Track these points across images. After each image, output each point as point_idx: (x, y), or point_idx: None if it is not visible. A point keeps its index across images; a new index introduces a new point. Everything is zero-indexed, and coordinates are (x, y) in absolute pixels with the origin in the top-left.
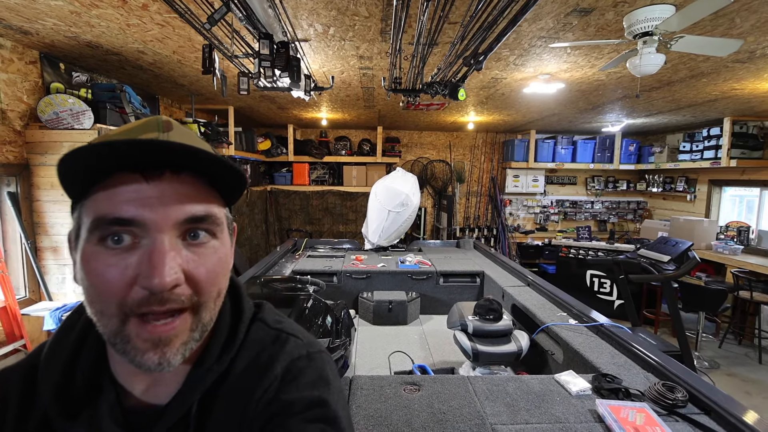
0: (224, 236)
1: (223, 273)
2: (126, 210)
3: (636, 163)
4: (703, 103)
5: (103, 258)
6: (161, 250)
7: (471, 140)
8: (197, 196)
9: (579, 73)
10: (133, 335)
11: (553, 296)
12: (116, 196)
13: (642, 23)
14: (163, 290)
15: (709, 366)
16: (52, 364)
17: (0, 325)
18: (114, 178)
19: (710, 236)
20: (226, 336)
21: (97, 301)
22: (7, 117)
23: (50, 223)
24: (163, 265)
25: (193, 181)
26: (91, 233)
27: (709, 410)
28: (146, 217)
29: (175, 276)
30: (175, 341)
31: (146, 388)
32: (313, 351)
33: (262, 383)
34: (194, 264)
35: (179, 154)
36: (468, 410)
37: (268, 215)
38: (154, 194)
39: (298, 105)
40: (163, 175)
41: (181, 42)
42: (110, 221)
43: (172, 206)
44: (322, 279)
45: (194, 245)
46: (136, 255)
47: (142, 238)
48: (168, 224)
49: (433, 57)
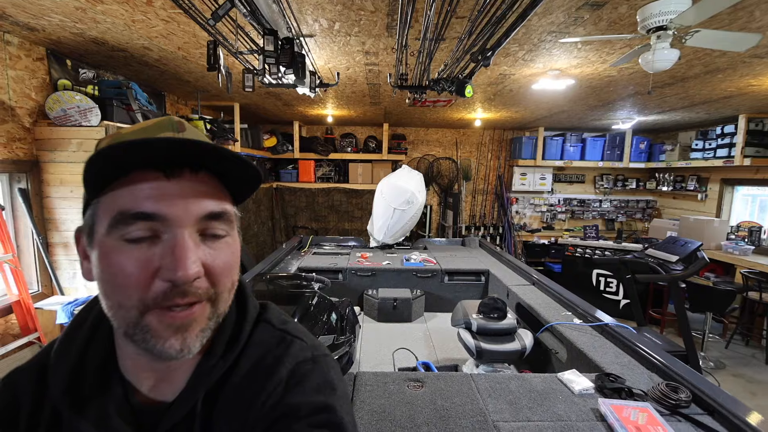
0: (235, 232)
1: (236, 267)
2: (149, 205)
3: (646, 161)
4: (717, 99)
5: (126, 252)
6: (184, 244)
7: (478, 137)
8: (214, 193)
9: (589, 68)
10: (154, 324)
11: (558, 295)
12: (138, 192)
13: (656, 17)
14: (186, 282)
15: (715, 366)
16: (62, 360)
17: (15, 318)
18: (134, 175)
19: (720, 236)
20: (231, 333)
21: (116, 294)
22: (16, 114)
23: (61, 219)
24: (187, 258)
25: (209, 180)
26: (112, 228)
27: (712, 411)
28: (168, 212)
29: (197, 269)
30: (194, 326)
31: (154, 385)
32: (318, 354)
33: (267, 386)
34: (211, 258)
35: (208, 153)
36: (471, 407)
37: (274, 212)
38: (176, 191)
39: (303, 102)
40: (183, 174)
41: (186, 38)
42: (133, 216)
43: (192, 203)
44: (328, 276)
45: (211, 240)
46: (159, 249)
47: (163, 233)
48: (189, 220)
49: (440, 53)
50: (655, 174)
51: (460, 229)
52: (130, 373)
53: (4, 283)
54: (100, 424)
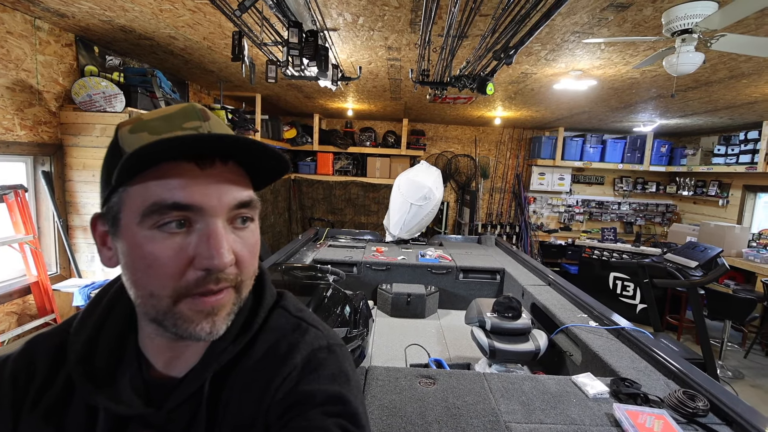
0: (257, 220)
1: (257, 254)
2: (183, 195)
3: (667, 165)
4: (741, 105)
5: (160, 241)
6: (218, 233)
7: (497, 136)
8: (241, 182)
9: (612, 70)
10: (185, 311)
11: (573, 297)
12: (171, 183)
13: (682, 20)
14: (222, 269)
15: (733, 376)
16: (80, 334)
17: (33, 299)
18: (165, 165)
19: (741, 243)
20: (246, 318)
21: (150, 284)
22: (43, 98)
23: (81, 202)
24: (221, 247)
25: (237, 169)
26: (145, 217)
27: (730, 421)
28: (202, 202)
29: (231, 257)
30: (222, 311)
31: (168, 361)
32: (334, 344)
33: (282, 371)
34: (240, 246)
35: (241, 147)
36: (482, 407)
37: (291, 203)
38: (208, 182)
39: (324, 94)
40: (215, 164)
41: (212, 28)
42: (168, 206)
43: (224, 192)
44: (342, 269)
45: (238, 228)
46: (193, 238)
47: (195, 223)
48: (222, 209)
49: (462, 50)
50: (675, 178)
51: (476, 227)
52: (149, 351)
53: (24, 263)
54: (112, 394)
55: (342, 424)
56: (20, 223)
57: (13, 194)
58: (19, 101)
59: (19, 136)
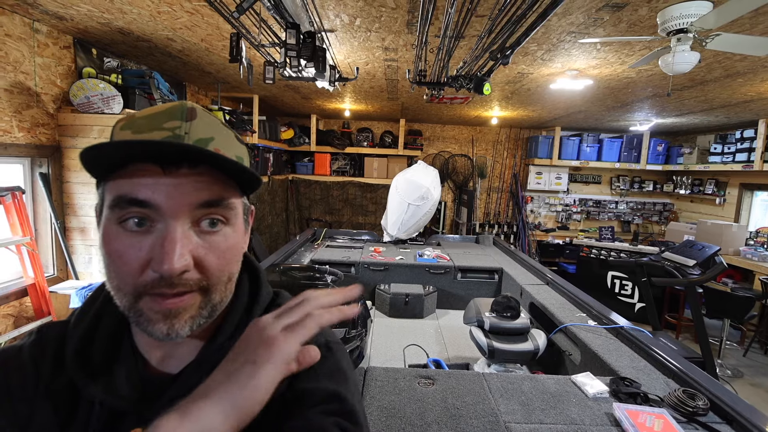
0: (238, 223)
1: (234, 259)
2: (143, 193)
3: (664, 163)
4: (737, 103)
5: (122, 239)
6: (172, 237)
7: (494, 135)
8: (214, 184)
9: (608, 69)
10: (146, 309)
11: (572, 296)
12: (135, 181)
13: (677, 20)
14: (171, 276)
15: (732, 374)
16: (78, 327)
17: (29, 301)
18: (135, 166)
19: (739, 241)
20: (241, 316)
21: (115, 278)
22: (41, 100)
23: (79, 204)
24: (174, 252)
25: (210, 172)
26: (111, 210)
27: (730, 420)
28: (161, 201)
29: (184, 263)
30: (183, 314)
31: (162, 358)
32: (332, 342)
33: None
34: (204, 251)
35: (192, 157)
36: (482, 407)
37: (288, 204)
38: (171, 183)
39: (321, 95)
40: (181, 168)
41: (210, 30)
42: (128, 201)
43: (187, 194)
44: (340, 269)
45: (206, 233)
46: (150, 239)
47: (156, 223)
48: (182, 210)
49: (459, 50)
50: (672, 177)
51: (474, 227)
52: (143, 347)
53: (21, 265)
54: (108, 388)
55: (340, 423)
56: (17, 225)
57: (10, 196)
58: (17, 103)
59: (16, 138)
